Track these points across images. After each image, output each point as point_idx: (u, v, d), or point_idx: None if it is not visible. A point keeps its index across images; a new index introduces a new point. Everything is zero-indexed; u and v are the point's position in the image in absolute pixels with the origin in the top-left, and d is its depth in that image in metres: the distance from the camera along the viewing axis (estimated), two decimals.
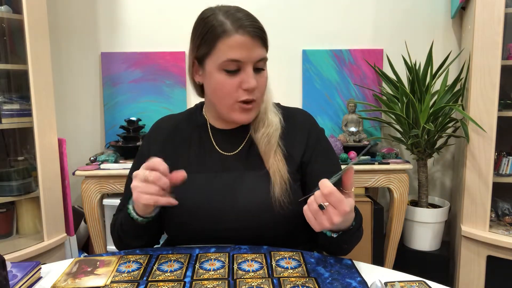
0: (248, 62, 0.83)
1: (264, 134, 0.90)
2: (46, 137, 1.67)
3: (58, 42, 2.11)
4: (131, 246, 0.91)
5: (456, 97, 1.84)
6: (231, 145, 0.94)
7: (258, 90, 0.86)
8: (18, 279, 0.70)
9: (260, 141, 0.90)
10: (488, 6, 1.62)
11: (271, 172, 0.87)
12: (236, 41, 0.81)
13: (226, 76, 0.84)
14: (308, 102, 2.13)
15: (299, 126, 0.96)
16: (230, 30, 0.82)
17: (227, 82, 0.84)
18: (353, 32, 2.12)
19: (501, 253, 1.66)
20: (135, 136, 1.94)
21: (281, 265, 0.77)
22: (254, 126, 0.93)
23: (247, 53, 0.82)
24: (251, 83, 0.83)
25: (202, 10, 0.90)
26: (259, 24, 0.85)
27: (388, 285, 0.70)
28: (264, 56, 0.86)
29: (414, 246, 1.94)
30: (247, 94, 0.85)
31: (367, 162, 1.82)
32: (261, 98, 0.89)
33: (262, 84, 0.87)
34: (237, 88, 0.84)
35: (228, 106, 0.87)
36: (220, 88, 0.85)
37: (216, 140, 0.95)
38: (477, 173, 1.71)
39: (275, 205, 0.85)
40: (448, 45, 2.09)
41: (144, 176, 0.76)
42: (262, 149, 0.90)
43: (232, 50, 0.82)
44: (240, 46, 0.82)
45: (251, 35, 0.82)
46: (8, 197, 1.66)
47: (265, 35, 0.86)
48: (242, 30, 0.82)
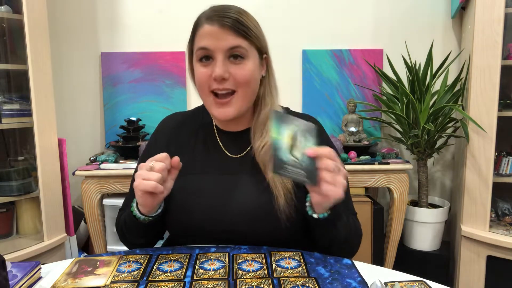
0: (217, 51, 0.83)
1: (260, 146, 0.87)
2: (46, 137, 1.67)
3: (58, 42, 2.11)
4: (134, 244, 0.91)
5: (456, 97, 1.84)
6: (238, 147, 0.93)
7: (234, 80, 0.84)
8: (18, 279, 0.70)
9: (257, 152, 0.88)
10: (488, 6, 1.62)
11: (272, 184, 0.85)
12: (205, 30, 0.84)
13: (201, 66, 0.85)
14: (308, 102, 2.13)
15: None
16: (202, 21, 0.85)
17: (201, 72, 0.85)
18: (353, 32, 2.12)
19: (501, 253, 1.66)
20: (135, 136, 1.94)
21: (281, 265, 0.77)
22: (253, 133, 0.90)
23: (214, 41, 0.82)
24: (216, 71, 0.82)
25: (202, 10, 0.90)
26: (235, 15, 0.83)
27: (388, 285, 0.70)
28: (236, 44, 0.83)
29: (414, 246, 1.94)
30: (217, 83, 0.84)
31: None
32: (244, 92, 0.85)
33: (239, 74, 0.84)
34: (208, 77, 0.84)
35: (205, 99, 0.88)
36: (197, 79, 0.87)
37: (222, 142, 0.94)
38: (477, 173, 1.71)
39: (279, 215, 0.84)
40: (448, 45, 2.09)
41: (150, 166, 0.78)
42: (260, 161, 0.87)
43: (201, 39, 0.84)
44: (208, 35, 0.83)
45: (220, 23, 0.82)
46: (8, 197, 1.66)
47: (242, 26, 0.83)
48: (211, 20, 0.83)
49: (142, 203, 0.82)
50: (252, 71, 0.85)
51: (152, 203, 0.81)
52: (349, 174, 1.49)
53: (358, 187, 1.91)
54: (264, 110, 0.90)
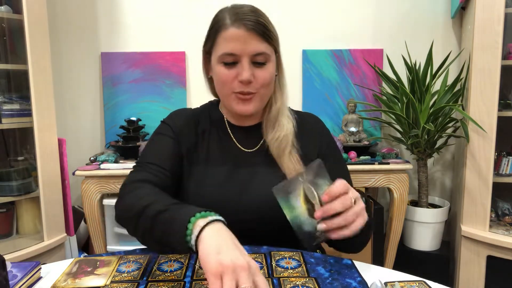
0: (243, 55, 0.84)
1: (273, 139, 0.90)
2: (46, 137, 1.67)
3: (58, 42, 2.11)
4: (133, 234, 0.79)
5: (456, 97, 1.84)
6: (251, 142, 0.95)
7: (256, 83, 0.86)
8: (18, 279, 0.70)
9: (271, 144, 0.91)
10: (488, 6, 1.62)
11: (288, 173, 0.87)
12: (231, 33, 0.84)
13: (224, 68, 0.86)
14: (308, 102, 2.13)
15: (311, 129, 0.98)
16: (227, 23, 0.84)
17: (224, 74, 0.86)
18: (353, 32, 2.12)
19: (501, 253, 1.66)
20: (135, 136, 1.94)
21: (281, 265, 0.77)
22: (265, 127, 0.93)
23: (241, 45, 0.83)
24: (244, 76, 0.84)
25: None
26: (260, 19, 0.85)
27: (388, 285, 0.70)
28: (262, 51, 0.85)
29: (414, 246, 1.94)
30: (242, 86, 0.86)
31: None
32: (264, 92, 0.89)
33: (262, 77, 0.86)
34: (233, 79, 0.86)
35: (227, 96, 0.89)
36: (220, 80, 0.88)
37: (235, 136, 0.96)
38: (477, 173, 1.71)
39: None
40: (448, 45, 2.09)
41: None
42: (275, 153, 0.90)
43: (228, 43, 0.84)
44: (235, 39, 0.83)
45: (246, 27, 0.83)
46: (8, 197, 1.66)
47: (266, 30, 0.85)
48: (238, 23, 0.83)
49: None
50: (272, 73, 0.89)
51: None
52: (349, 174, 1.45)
53: (358, 187, 1.91)
54: (275, 106, 0.93)
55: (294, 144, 0.91)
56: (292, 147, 0.90)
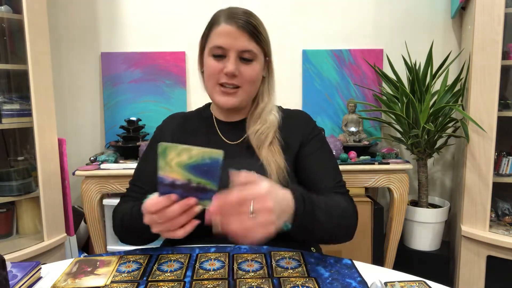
0: (231, 50, 0.91)
1: (254, 131, 0.97)
2: (46, 137, 1.67)
3: (58, 42, 2.11)
4: (127, 240, 0.94)
5: (456, 97, 1.84)
6: (235, 135, 1.01)
7: (241, 78, 0.93)
8: (18, 279, 0.70)
9: (251, 137, 0.97)
10: (488, 6, 1.62)
11: (265, 163, 0.93)
12: (223, 29, 0.92)
13: (213, 60, 0.94)
14: (308, 102, 2.13)
15: (297, 120, 1.03)
16: (221, 20, 0.92)
17: (212, 65, 0.94)
18: (353, 32, 2.12)
19: (501, 253, 1.66)
20: (135, 136, 1.94)
21: (281, 265, 0.77)
22: (248, 122, 1.00)
23: (230, 41, 0.91)
24: (229, 68, 0.91)
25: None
26: (252, 20, 0.92)
27: (388, 285, 0.70)
28: (249, 48, 0.92)
29: (414, 246, 1.94)
30: (227, 78, 0.93)
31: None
32: (248, 88, 0.95)
33: (247, 74, 0.93)
34: (219, 71, 0.93)
35: (212, 88, 0.96)
36: (207, 70, 0.95)
37: (221, 130, 1.02)
38: (477, 173, 1.71)
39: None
40: (448, 45, 2.09)
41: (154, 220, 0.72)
42: (254, 144, 0.96)
43: (218, 37, 0.92)
44: (225, 34, 0.91)
45: (237, 25, 0.90)
46: (8, 197, 1.66)
47: (256, 31, 0.92)
48: (230, 20, 0.91)
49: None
50: (258, 72, 0.96)
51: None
52: (349, 174, 1.50)
53: (358, 187, 1.90)
54: (261, 104, 1.00)
55: (277, 136, 0.97)
56: (274, 139, 0.96)
